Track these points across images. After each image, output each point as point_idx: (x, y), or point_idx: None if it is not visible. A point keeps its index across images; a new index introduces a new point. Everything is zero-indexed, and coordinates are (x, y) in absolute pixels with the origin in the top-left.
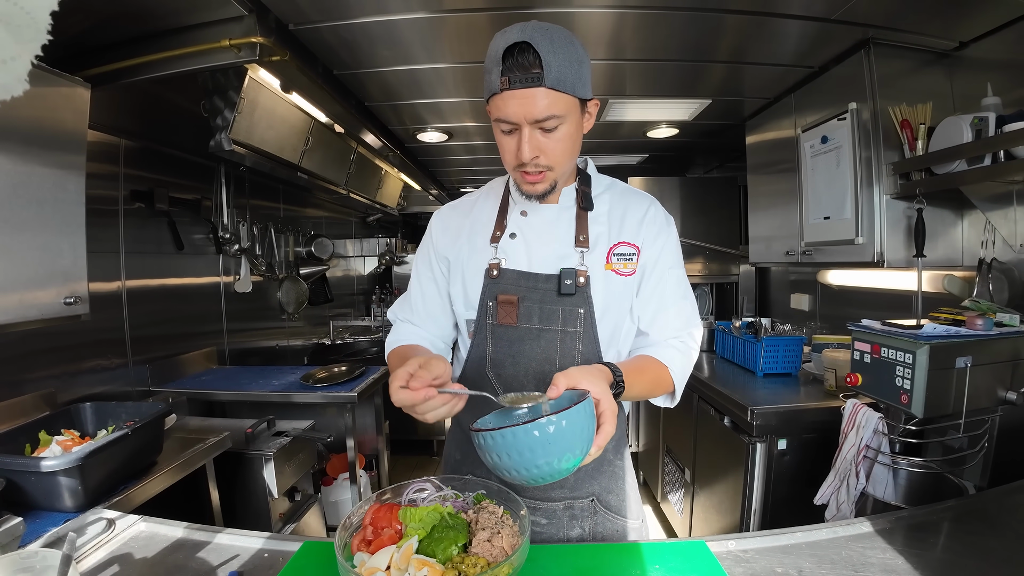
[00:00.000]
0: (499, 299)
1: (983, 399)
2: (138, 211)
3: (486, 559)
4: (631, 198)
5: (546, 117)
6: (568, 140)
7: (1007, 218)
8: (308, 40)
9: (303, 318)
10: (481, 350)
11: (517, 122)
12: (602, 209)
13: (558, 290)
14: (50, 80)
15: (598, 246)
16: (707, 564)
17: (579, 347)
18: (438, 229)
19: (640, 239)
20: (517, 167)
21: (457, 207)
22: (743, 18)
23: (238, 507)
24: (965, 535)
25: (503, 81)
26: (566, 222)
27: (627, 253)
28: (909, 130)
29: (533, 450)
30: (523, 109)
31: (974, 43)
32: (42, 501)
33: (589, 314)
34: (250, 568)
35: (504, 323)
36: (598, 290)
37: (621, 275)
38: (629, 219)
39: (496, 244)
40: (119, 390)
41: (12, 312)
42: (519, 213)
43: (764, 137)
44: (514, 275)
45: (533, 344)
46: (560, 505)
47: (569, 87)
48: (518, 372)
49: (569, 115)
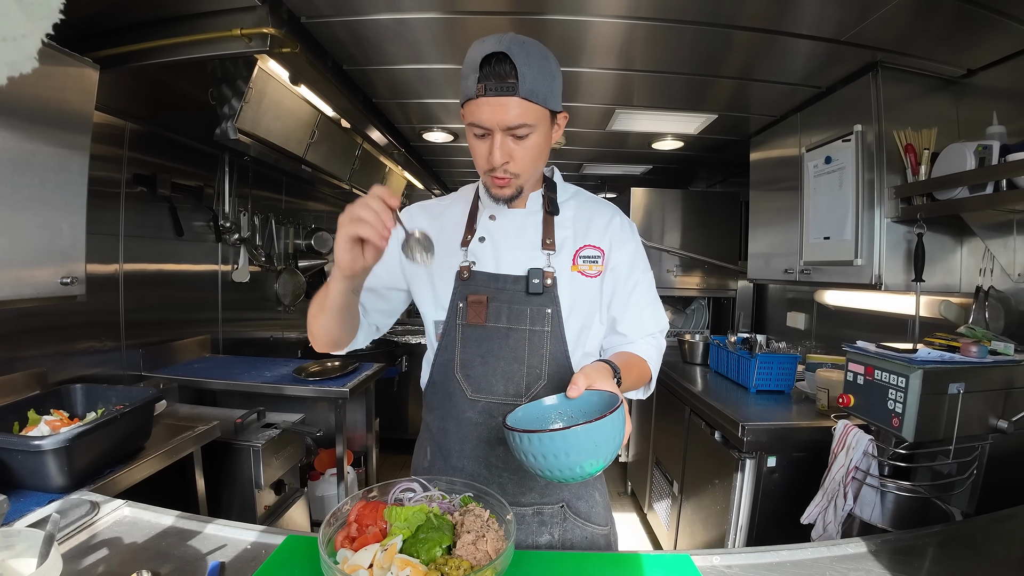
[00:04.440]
0: (469, 299)
1: (974, 426)
2: (140, 195)
3: (470, 562)
4: (596, 205)
5: (518, 125)
6: (536, 149)
7: (1006, 247)
8: (319, 34)
9: (299, 311)
10: (450, 352)
11: (490, 128)
12: (568, 214)
13: (526, 290)
14: (59, 60)
15: (564, 249)
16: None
17: (547, 346)
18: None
19: (606, 243)
20: (487, 171)
21: (427, 208)
22: (753, 35)
23: (224, 497)
24: (950, 561)
25: (479, 88)
26: (533, 226)
27: (592, 256)
28: (913, 154)
29: (570, 453)
30: (496, 116)
31: (982, 71)
32: (28, 480)
33: (556, 313)
34: (233, 559)
35: (473, 323)
36: (565, 290)
37: (587, 276)
38: (595, 224)
39: (466, 248)
40: (111, 373)
41: (8, 289)
42: (488, 217)
43: (768, 154)
44: (484, 277)
45: (502, 343)
46: (530, 511)
47: (541, 99)
48: (487, 371)
49: (539, 125)
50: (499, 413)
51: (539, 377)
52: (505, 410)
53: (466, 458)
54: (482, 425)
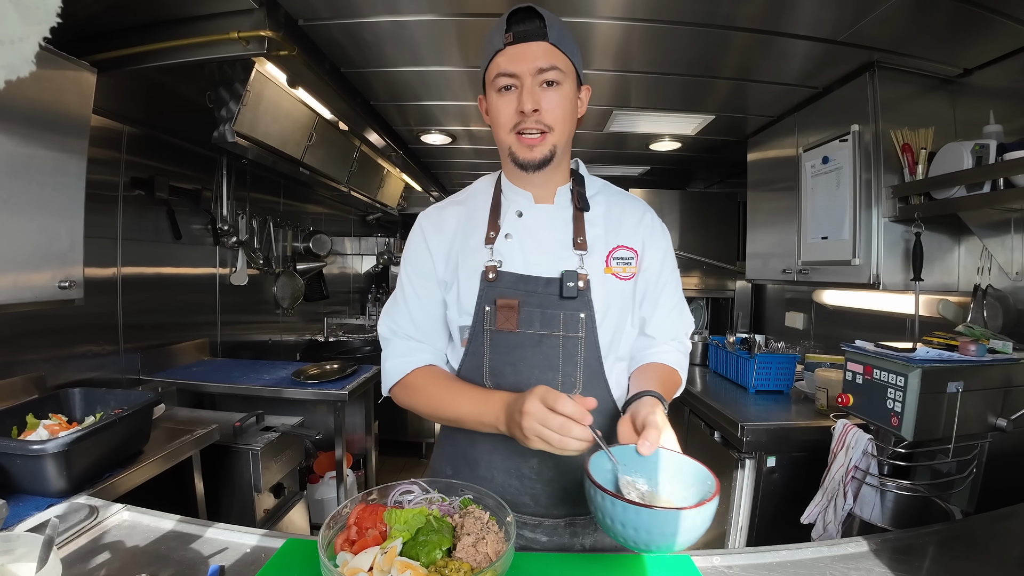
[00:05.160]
0: (498, 303)
1: (973, 425)
2: (138, 198)
3: (470, 564)
4: (625, 201)
5: (549, 67)
6: (568, 102)
7: (1004, 246)
8: (317, 36)
9: (297, 314)
10: (477, 359)
11: (519, 73)
12: (598, 211)
13: (560, 293)
14: (57, 63)
15: (596, 249)
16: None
17: (581, 352)
18: (431, 229)
19: (639, 242)
20: (515, 127)
21: (444, 207)
22: (750, 36)
23: (223, 501)
24: (950, 560)
25: (507, 36)
26: (563, 223)
27: (626, 257)
28: (910, 154)
29: (651, 531)
30: (526, 60)
31: (978, 70)
32: (26, 484)
33: (590, 318)
34: (233, 563)
35: (503, 328)
36: (598, 294)
37: (620, 279)
38: (626, 222)
39: (491, 245)
40: (109, 377)
41: (6, 293)
42: (514, 213)
43: (766, 155)
44: (512, 278)
45: (534, 351)
46: (562, 522)
47: (569, 51)
48: (519, 381)
49: (568, 78)
50: None
51: (574, 386)
52: None
53: (496, 469)
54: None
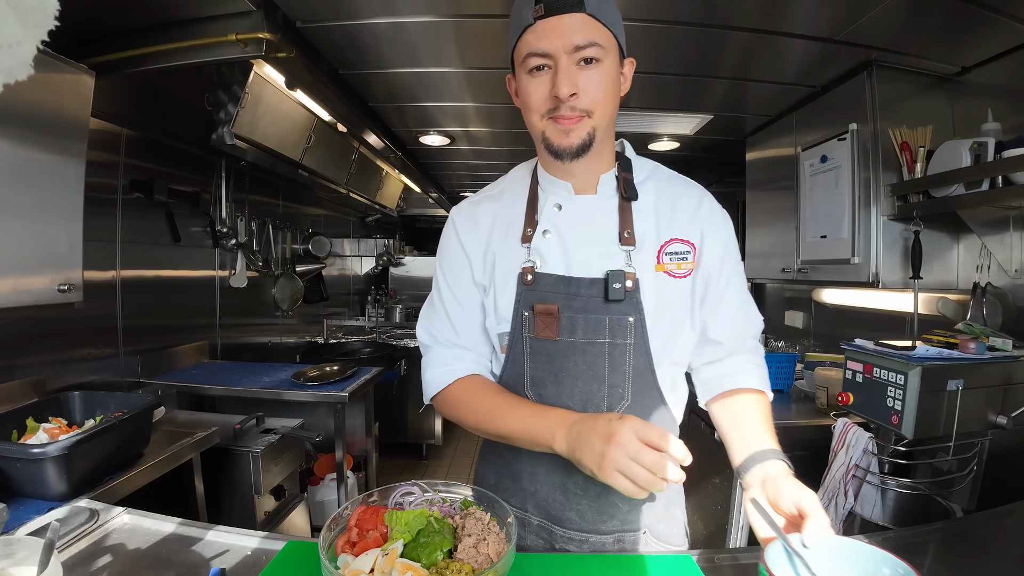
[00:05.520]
0: (536, 309)
1: (974, 422)
2: (136, 201)
3: (471, 565)
4: (679, 186)
5: (587, 44)
6: (608, 81)
7: (1003, 243)
8: (315, 38)
9: (297, 316)
10: (518, 367)
11: (552, 52)
12: (647, 199)
13: (604, 296)
14: (55, 66)
15: (646, 243)
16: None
17: (629, 360)
18: (465, 228)
19: (696, 234)
20: (549, 112)
21: (478, 202)
22: (748, 35)
23: (223, 503)
24: (952, 557)
25: (537, 9)
26: (607, 215)
27: (681, 252)
28: (908, 152)
29: None
30: (560, 36)
31: (976, 68)
32: (27, 488)
33: (640, 322)
34: (234, 565)
35: (543, 337)
36: (649, 295)
37: (675, 277)
38: (680, 210)
39: (528, 244)
40: (109, 380)
41: (5, 297)
42: (553, 207)
43: (764, 154)
44: (552, 280)
45: (578, 360)
46: (610, 538)
47: (610, 22)
48: (561, 392)
49: (609, 54)
50: None
51: (622, 397)
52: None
53: (539, 482)
54: None
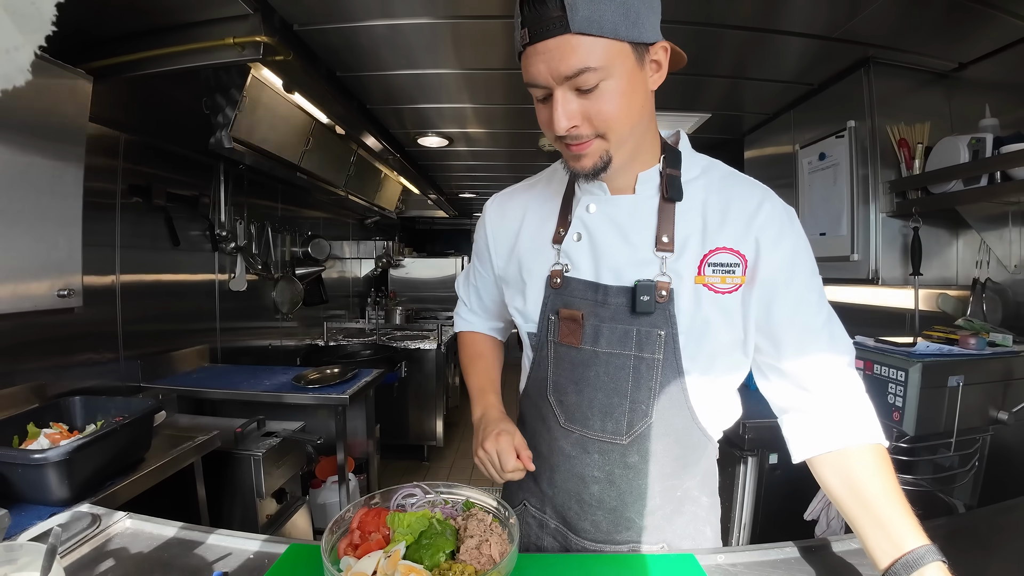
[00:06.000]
0: (561, 314)
1: (975, 418)
2: (135, 205)
3: (474, 566)
4: (736, 186)
5: (576, 72)
6: (620, 98)
7: (1002, 239)
8: (312, 41)
9: (297, 318)
10: (543, 370)
11: (544, 83)
12: (695, 199)
13: (632, 307)
14: (52, 71)
15: (687, 250)
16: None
17: (656, 377)
18: (495, 221)
19: (750, 245)
20: (557, 140)
21: (512, 195)
22: (744, 34)
23: (225, 507)
24: (954, 554)
25: (523, 35)
26: (644, 218)
27: (728, 264)
28: (907, 149)
29: None
30: (547, 66)
31: (973, 64)
32: (28, 494)
33: (672, 336)
34: (236, 568)
35: (567, 343)
36: (684, 308)
37: (717, 292)
38: (734, 214)
39: (559, 246)
40: (109, 385)
41: (5, 303)
42: (585, 208)
43: (762, 152)
44: (580, 285)
45: (600, 371)
46: (625, 548)
47: (609, 28)
48: (581, 401)
49: (612, 66)
50: (595, 450)
51: (645, 415)
52: (603, 447)
53: (556, 488)
54: (575, 459)
